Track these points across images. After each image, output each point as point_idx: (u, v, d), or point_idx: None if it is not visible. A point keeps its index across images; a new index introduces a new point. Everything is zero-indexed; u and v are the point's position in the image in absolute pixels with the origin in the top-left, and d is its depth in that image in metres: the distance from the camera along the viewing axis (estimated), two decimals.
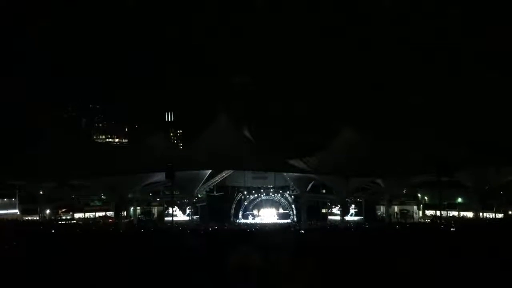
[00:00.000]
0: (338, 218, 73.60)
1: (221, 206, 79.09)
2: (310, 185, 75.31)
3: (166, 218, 75.93)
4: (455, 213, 73.63)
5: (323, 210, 79.72)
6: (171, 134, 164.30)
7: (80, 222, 70.10)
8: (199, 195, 76.36)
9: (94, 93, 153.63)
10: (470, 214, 69.80)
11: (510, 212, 68.50)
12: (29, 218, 71.65)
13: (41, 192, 71.47)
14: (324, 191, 77.66)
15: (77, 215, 75.72)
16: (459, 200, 75.88)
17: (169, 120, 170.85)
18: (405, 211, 78.33)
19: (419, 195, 79.04)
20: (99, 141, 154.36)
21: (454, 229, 37.52)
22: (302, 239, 28.60)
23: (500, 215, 67.34)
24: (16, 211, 73.32)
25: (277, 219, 78.68)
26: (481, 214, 68.15)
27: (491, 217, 67.26)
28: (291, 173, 73.84)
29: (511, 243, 17.72)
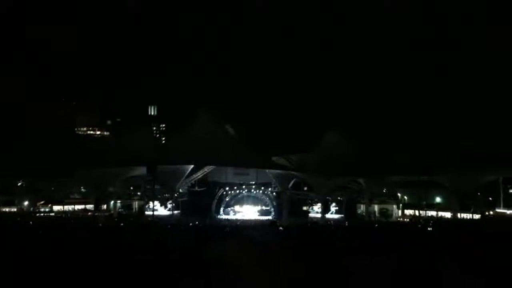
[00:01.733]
0: (319, 215, 74.07)
1: (202, 201, 78.83)
2: (291, 182, 75.59)
3: (146, 213, 75.44)
4: (434, 213, 74.69)
5: (304, 208, 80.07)
6: (154, 128, 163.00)
7: (59, 215, 69.24)
8: (180, 190, 76.05)
9: (77, 87, 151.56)
10: (448, 214, 70.91)
11: (487, 213, 69.74)
12: (7, 209, 70.58)
13: (19, 184, 70.43)
14: (305, 189, 78.02)
15: (55, 208, 74.77)
16: (438, 200, 77.01)
17: (152, 114, 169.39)
18: (385, 210, 79.22)
19: (399, 194, 79.98)
20: (80, 133, 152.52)
21: (430, 229, 38.09)
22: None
23: (477, 216, 68.52)
24: None
25: (258, 215, 78.79)
26: (458, 214, 69.35)
27: (468, 217, 68.42)
28: (273, 170, 74.08)
29: (486, 244, 18.05)
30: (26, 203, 72.87)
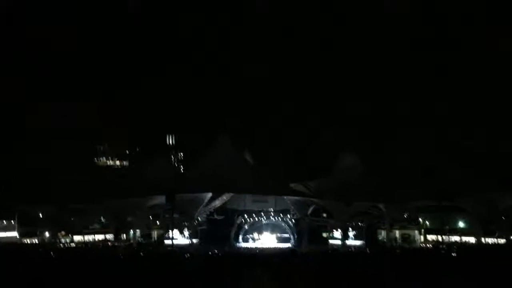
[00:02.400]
0: (339, 242, 73.03)
1: (221, 229, 78.51)
2: (310, 209, 75.00)
3: (165, 241, 75.36)
4: (457, 238, 73.14)
5: (324, 234, 79.10)
6: (172, 157, 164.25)
7: (80, 245, 69.57)
8: (199, 219, 75.98)
9: (94, 115, 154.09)
10: (472, 239, 69.33)
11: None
12: (28, 240, 71.19)
13: (40, 215, 71.19)
14: (324, 215, 77.20)
15: (76, 238, 75.20)
16: (461, 225, 75.49)
17: (171, 143, 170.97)
18: (407, 236, 77.83)
19: (420, 219, 78.64)
20: (100, 164, 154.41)
21: (455, 254, 37.31)
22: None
23: (502, 241, 66.87)
24: (15, 233, 72.91)
25: (277, 242, 78.03)
26: (483, 239, 67.78)
27: (493, 242, 66.81)
28: (291, 197, 73.71)
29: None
30: (47, 234, 73.50)
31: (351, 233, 74.78)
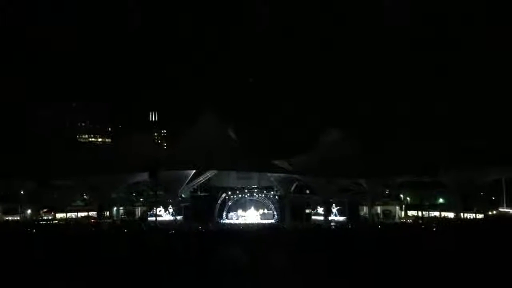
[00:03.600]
0: (321, 218, 73.93)
1: (205, 206, 78.75)
2: (294, 185, 75.51)
3: (149, 218, 75.39)
4: (437, 214, 74.53)
5: (307, 211, 79.92)
6: (155, 134, 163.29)
7: (62, 222, 69.16)
8: (183, 195, 76.01)
9: (77, 92, 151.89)
10: (451, 215, 70.75)
11: (490, 213, 69.58)
12: (10, 218, 70.51)
13: (22, 192, 70.36)
14: (308, 191, 77.88)
15: (58, 215, 74.70)
16: (441, 200, 76.84)
17: (153, 120, 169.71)
18: (388, 212, 79.07)
19: (401, 195, 79.82)
20: (82, 140, 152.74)
21: (435, 229, 38.07)
22: None
23: (480, 216, 68.35)
24: None
25: (261, 219, 78.72)
26: (461, 214, 69.18)
27: (471, 217, 68.25)
28: (275, 174, 74.03)
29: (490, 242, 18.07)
30: (29, 211, 72.83)
31: (333, 209, 75.71)
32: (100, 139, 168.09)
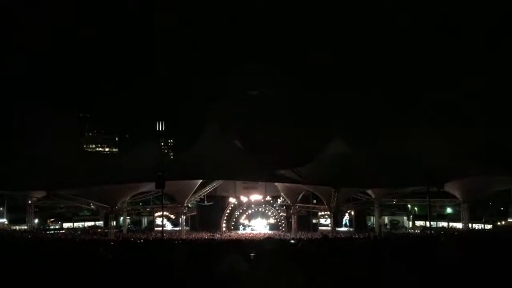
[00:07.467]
0: (328, 228, 73.57)
1: (211, 216, 78.70)
2: (300, 195, 75.34)
3: (155, 228, 75.50)
4: (445, 224, 74.06)
5: (314, 221, 79.69)
6: (162, 144, 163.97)
7: (69, 232, 69.44)
8: (189, 205, 76.01)
9: (84, 102, 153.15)
10: (459, 225, 70.23)
11: (498, 223, 69.03)
12: (17, 227, 70.89)
13: (29, 202, 70.75)
14: (314, 201, 77.63)
15: (65, 225, 75.02)
16: (449, 210, 76.37)
17: (160, 129, 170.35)
18: (395, 222, 78.69)
19: (409, 206, 79.41)
20: (89, 150, 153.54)
21: (443, 240, 37.75)
22: None
23: (488, 226, 67.83)
24: (4, 220, 72.65)
25: (267, 229, 78.45)
26: (470, 224, 68.68)
27: (480, 228, 67.76)
28: (281, 183, 73.89)
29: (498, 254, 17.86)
30: (36, 220, 73.13)
31: (340, 219, 75.43)
32: (107, 149, 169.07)
